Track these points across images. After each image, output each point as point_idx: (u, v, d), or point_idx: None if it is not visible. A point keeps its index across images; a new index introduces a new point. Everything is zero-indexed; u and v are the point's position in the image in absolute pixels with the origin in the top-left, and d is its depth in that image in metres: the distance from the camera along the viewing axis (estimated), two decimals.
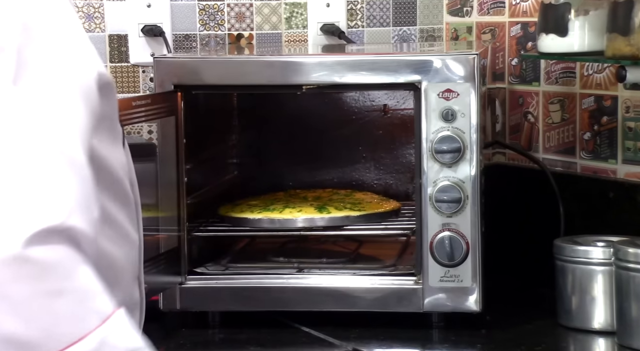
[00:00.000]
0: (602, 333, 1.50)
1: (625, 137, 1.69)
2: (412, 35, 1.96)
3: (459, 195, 1.50)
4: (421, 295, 1.52)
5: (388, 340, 1.50)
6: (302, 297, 1.55)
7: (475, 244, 1.51)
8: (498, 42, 1.89)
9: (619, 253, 1.44)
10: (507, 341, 1.49)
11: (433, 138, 1.51)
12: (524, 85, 1.85)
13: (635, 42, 1.46)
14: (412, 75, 1.51)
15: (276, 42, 1.90)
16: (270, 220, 1.62)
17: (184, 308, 1.58)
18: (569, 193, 1.72)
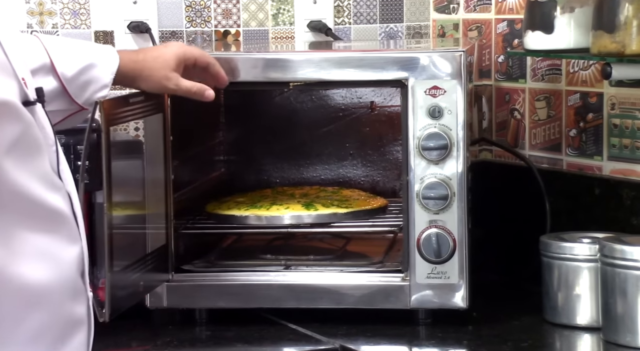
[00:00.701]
0: (587, 329, 1.50)
1: (610, 133, 1.70)
2: (398, 32, 1.97)
3: (446, 192, 1.51)
4: (408, 291, 1.52)
5: (375, 336, 1.50)
6: (289, 294, 1.55)
7: (462, 241, 1.51)
8: (484, 39, 1.89)
9: (605, 249, 1.45)
10: (494, 337, 1.49)
11: (420, 135, 1.51)
12: (511, 82, 1.86)
13: (621, 39, 1.46)
14: (399, 72, 1.51)
15: (263, 38, 1.90)
16: (257, 217, 1.62)
17: (171, 306, 1.57)
18: (555, 190, 1.73)
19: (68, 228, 1.07)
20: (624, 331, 1.42)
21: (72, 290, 1.07)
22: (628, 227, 1.62)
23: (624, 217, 1.64)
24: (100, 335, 1.51)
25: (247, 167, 1.88)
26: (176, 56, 1.44)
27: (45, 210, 1.04)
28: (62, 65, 1.37)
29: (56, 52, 1.38)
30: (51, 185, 1.05)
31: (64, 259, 1.06)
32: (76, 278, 1.08)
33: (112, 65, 1.40)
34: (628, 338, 1.42)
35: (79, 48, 1.41)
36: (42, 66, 1.36)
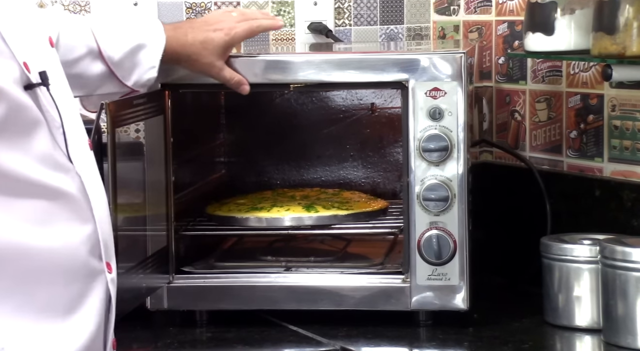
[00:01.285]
0: (588, 331, 1.50)
1: (611, 135, 1.70)
2: (399, 33, 1.97)
3: (446, 194, 1.51)
4: (409, 293, 1.52)
5: (376, 338, 1.50)
6: (289, 296, 1.55)
7: (462, 242, 1.51)
8: (485, 40, 1.89)
9: (605, 251, 1.45)
10: (494, 339, 1.49)
11: (420, 137, 1.51)
12: (511, 83, 1.86)
13: (621, 40, 1.47)
14: (400, 73, 1.51)
15: (263, 40, 1.90)
16: (258, 219, 1.62)
17: (172, 307, 1.57)
18: (556, 192, 1.73)
19: (75, 209, 1.08)
20: (625, 333, 1.42)
21: (84, 270, 1.08)
22: (629, 228, 1.62)
23: (624, 218, 1.64)
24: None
25: (247, 168, 1.88)
26: (224, 44, 1.46)
27: (43, 189, 1.05)
28: (110, 49, 1.41)
29: (103, 36, 1.41)
30: (53, 166, 1.07)
31: (71, 238, 1.07)
32: (88, 259, 1.09)
33: (159, 47, 1.43)
34: (629, 340, 1.42)
35: (126, 30, 1.43)
36: (90, 51, 1.40)
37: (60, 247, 1.06)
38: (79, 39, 1.40)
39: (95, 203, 1.10)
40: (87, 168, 1.12)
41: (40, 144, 1.06)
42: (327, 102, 1.86)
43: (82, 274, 1.08)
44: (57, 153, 1.08)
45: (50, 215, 1.06)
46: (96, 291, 1.10)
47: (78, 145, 1.11)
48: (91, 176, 1.12)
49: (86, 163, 1.12)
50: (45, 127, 1.07)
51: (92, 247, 1.09)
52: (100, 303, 1.11)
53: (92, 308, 1.09)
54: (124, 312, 1.38)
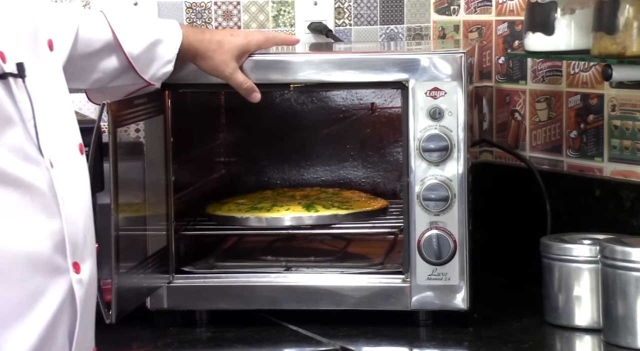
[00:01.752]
0: (588, 331, 1.50)
1: (611, 135, 1.70)
2: (399, 33, 1.97)
3: (447, 194, 1.51)
4: (409, 293, 1.52)
5: (376, 338, 1.50)
6: (289, 295, 1.55)
7: (462, 242, 1.51)
8: (485, 40, 1.89)
9: (605, 250, 1.45)
10: (494, 339, 1.49)
11: (420, 137, 1.51)
12: (511, 83, 1.86)
13: (621, 40, 1.47)
14: (400, 73, 1.51)
15: None
16: (258, 219, 1.62)
17: (172, 307, 1.57)
18: (556, 191, 1.73)
19: (42, 203, 1.07)
20: (625, 332, 1.42)
21: (46, 267, 1.07)
22: (628, 228, 1.62)
23: (624, 218, 1.64)
24: (101, 336, 1.51)
25: (247, 168, 1.88)
26: (240, 47, 1.48)
27: (8, 179, 1.05)
28: (129, 42, 1.42)
29: (122, 30, 1.42)
30: (23, 158, 1.07)
31: (33, 231, 1.06)
32: (52, 255, 1.07)
33: (176, 42, 1.45)
34: (629, 340, 1.42)
35: (144, 25, 1.45)
36: (108, 44, 1.41)
37: (20, 238, 1.05)
38: (97, 32, 1.41)
39: (65, 200, 1.09)
40: (65, 164, 1.11)
41: (11, 135, 1.06)
42: (327, 101, 1.86)
43: (42, 270, 1.07)
44: (28, 146, 1.07)
45: (14, 206, 1.05)
46: (57, 290, 1.08)
47: (54, 141, 1.11)
48: (68, 173, 1.11)
49: (64, 160, 1.11)
50: (18, 118, 1.07)
51: (57, 244, 1.08)
52: (61, 303, 1.08)
53: (50, 306, 1.07)
54: (125, 312, 1.38)
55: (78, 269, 1.09)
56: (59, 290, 1.08)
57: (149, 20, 1.50)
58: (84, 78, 1.43)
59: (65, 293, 1.09)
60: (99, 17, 1.43)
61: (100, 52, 1.41)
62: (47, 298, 1.07)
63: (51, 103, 1.13)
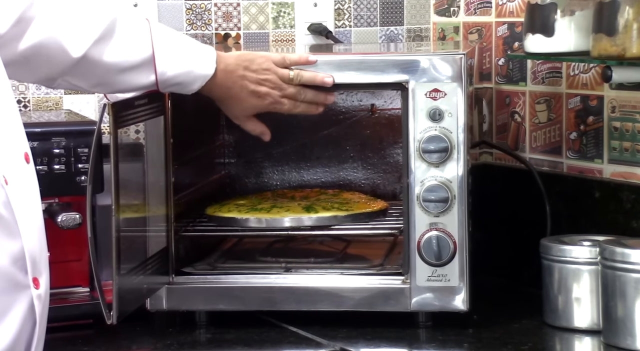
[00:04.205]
0: (588, 332, 1.50)
1: (611, 136, 1.70)
2: (399, 35, 1.97)
3: (446, 195, 1.51)
4: (408, 294, 1.52)
5: (375, 339, 1.50)
6: (289, 297, 1.55)
7: (462, 244, 1.51)
8: (485, 42, 1.89)
9: (605, 252, 1.45)
10: (494, 340, 1.49)
11: (420, 138, 1.51)
12: (511, 85, 1.86)
13: (621, 42, 1.47)
14: (400, 74, 1.52)
15: (263, 41, 1.90)
16: (257, 220, 1.62)
17: (171, 308, 1.57)
18: (556, 193, 1.73)
19: (0, 222, 1.05)
20: (625, 334, 1.42)
21: (7, 284, 1.06)
22: (628, 230, 1.62)
23: (624, 220, 1.64)
24: (101, 338, 1.51)
25: (247, 169, 1.88)
26: (260, 110, 1.50)
27: None
28: (163, 65, 1.42)
29: (162, 49, 1.42)
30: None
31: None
32: (13, 273, 1.06)
33: (204, 79, 1.45)
34: (628, 341, 1.42)
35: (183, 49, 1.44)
36: (145, 60, 1.41)
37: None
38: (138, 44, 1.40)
39: (23, 216, 1.08)
40: (17, 178, 1.09)
41: None
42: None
43: (3, 287, 1.06)
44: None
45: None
46: (20, 306, 1.08)
47: (5, 157, 1.08)
48: (22, 189, 1.09)
49: (16, 174, 1.09)
50: None
51: (16, 261, 1.07)
52: (23, 319, 1.08)
53: (13, 323, 1.07)
54: (126, 313, 1.38)
55: (37, 284, 1.09)
56: (21, 307, 1.08)
57: (191, 44, 1.46)
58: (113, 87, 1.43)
59: (26, 310, 1.09)
60: (143, 27, 1.41)
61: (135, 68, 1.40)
62: (10, 316, 1.07)
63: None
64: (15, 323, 1.07)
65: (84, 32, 1.35)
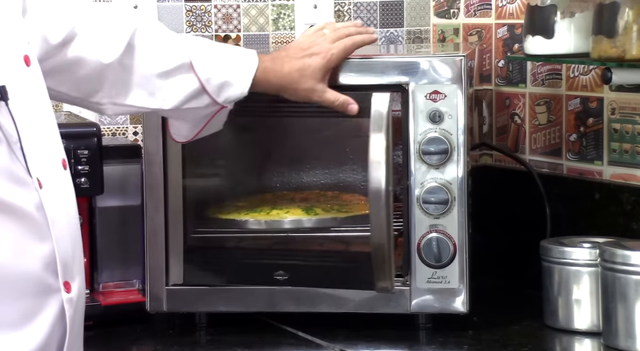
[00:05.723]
0: (588, 334, 1.50)
1: (610, 138, 1.70)
2: (399, 36, 1.97)
3: (446, 197, 1.51)
4: (408, 296, 1.52)
5: (375, 341, 1.50)
6: (289, 298, 1.55)
7: (462, 245, 1.51)
8: (485, 43, 1.89)
9: (605, 254, 1.45)
10: (494, 342, 1.49)
11: (420, 140, 1.51)
12: (511, 86, 1.86)
13: (621, 43, 1.47)
14: (400, 76, 1.52)
15: (263, 43, 1.90)
16: (257, 222, 1.62)
17: (171, 310, 1.57)
18: (555, 195, 1.73)
19: (32, 225, 1.07)
20: (625, 336, 1.42)
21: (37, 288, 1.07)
22: (628, 231, 1.62)
23: (624, 221, 1.64)
24: (101, 339, 1.51)
25: (247, 171, 1.88)
26: (322, 68, 1.45)
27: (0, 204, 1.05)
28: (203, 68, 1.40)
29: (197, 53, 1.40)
30: (10, 180, 1.06)
31: (23, 253, 1.06)
32: (43, 276, 1.08)
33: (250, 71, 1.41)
34: (628, 343, 1.42)
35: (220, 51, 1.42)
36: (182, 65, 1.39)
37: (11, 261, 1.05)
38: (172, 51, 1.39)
39: (55, 220, 1.09)
40: (52, 183, 1.10)
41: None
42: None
43: (33, 290, 1.07)
44: (15, 167, 1.07)
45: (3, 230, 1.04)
46: (50, 310, 1.08)
47: (42, 161, 1.10)
48: (56, 191, 1.10)
49: (51, 178, 1.10)
50: (4, 141, 1.07)
51: (48, 264, 1.08)
52: (53, 322, 1.08)
53: (43, 326, 1.07)
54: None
55: (69, 288, 1.10)
56: (51, 310, 1.08)
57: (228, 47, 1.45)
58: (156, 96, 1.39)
59: (57, 313, 1.09)
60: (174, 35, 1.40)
61: (173, 72, 1.38)
62: (39, 319, 1.08)
63: (35, 122, 1.12)
64: (45, 326, 1.08)
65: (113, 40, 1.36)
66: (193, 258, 1.65)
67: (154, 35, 1.40)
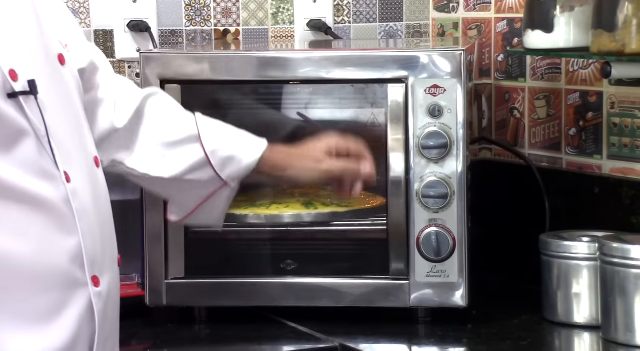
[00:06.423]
0: (587, 328, 1.51)
1: (610, 132, 1.70)
2: (398, 31, 1.97)
3: (446, 191, 1.51)
4: (408, 290, 1.52)
5: (375, 335, 1.50)
6: (288, 293, 1.55)
7: (461, 240, 1.51)
8: (484, 38, 1.89)
9: (604, 248, 1.45)
10: (493, 336, 1.50)
11: (420, 134, 1.51)
12: (510, 81, 1.86)
13: (620, 38, 1.47)
14: (399, 71, 1.51)
15: (263, 37, 1.90)
16: (257, 216, 1.62)
17: (171, 304, 1.57)
18: (555, 189, 1.73)
19: (58, 218, 1.08)
20: (624, 329, 1.42)
21: (64, 280, 1.08)
22: (628, 225, 1.62)
23: (623, 215, 1.64)
24: None
25: None
26: (327, 145, 1.43)
27: (23, 196, 1.06)
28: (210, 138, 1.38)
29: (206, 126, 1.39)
30: (37, 174, 1.07)
31: (51, 247, 1.07)
32: (70, 269, 1.08)
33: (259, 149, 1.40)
34: (627, 337, 1.42)
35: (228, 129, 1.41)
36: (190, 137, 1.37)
37: (37, 253, 1.06)
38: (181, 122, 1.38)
39: (82, 215, 1.09)
40: (81, 178, 1.11)
41: (25, 151, 1.07)
42: (327, 98, 1.86)
43: (60, 283, 1.07)
44: (43, 161, 1.08)
45: (29, 222, 1.05)
46: (77, 303, 1.09)
47: (71, 157, 1.11)
48: (84, 186, 1.11)
49: (80, 173, 1.11)
50: (33, 135, 1.07)
51: (75, 258, 1.08)
52: (81, 316, 1.09)
53: (71, 320, 1.08)
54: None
55: (97, 283, 1.10)
56: (79, 304, 1.09)
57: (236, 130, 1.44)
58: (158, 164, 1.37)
59: (84, 307, 1.09)
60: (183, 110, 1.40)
61: (180, 143, 1.37)
62: (67, 312, 1.08)
63: (65, 117, 1.13)
64: (73, 320, 1.08)
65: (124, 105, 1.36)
66: (193, 253, 1.66)
67: (164, 104, 1.40)
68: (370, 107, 1.85)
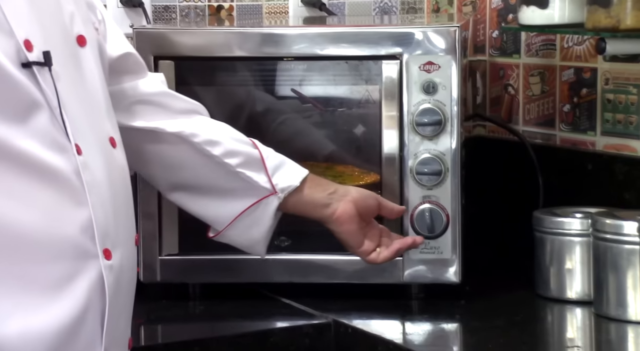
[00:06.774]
0: (579, 303, 1.51)
1: (604, 109, 1.70)
2: (393, 7, 1.96)
3: (440, 168, 1.51)
4: (401, 266, 1.53)
5: (368, 311, 1.51)
6: (282, 269, 1.56)
7: (455, 216, 1.52)
8: (479, 14, 1.89)
9: (597, 224, 1.45)
10: (486, 311, 1.50)
11: (414, 111, 1.51)
12: (505, 57, 1.86)
13: (615, 14, 1.46)
14: (394, 47, 1.51)
15: (257, 13, 1.89)
16: None
17: (165, 280, 1.58)
18: (548, 165, 1.74)
19: (68, 189, 1.08)
20: (615, 304, 1.43)
21: (74, 251, 1.08)
22: (621, 201, 1.63)
23: (616, 191, 1.64)
24: None
25: None
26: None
27: (36, 166, 1.06)
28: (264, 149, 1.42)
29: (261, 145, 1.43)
30: (50, 145, 1.08)
31: (61, 218, 1.07)
32: (80, 240, 1.08)
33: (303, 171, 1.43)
34: (619, 312, 1.43)
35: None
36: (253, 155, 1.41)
37: (43, 223, 1.06)
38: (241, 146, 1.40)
39: (93, 187, 1.10)
40: (93, 153, 1.11)
41: (37, 121, 1.07)
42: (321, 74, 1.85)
43: (70, 253, 1.08)
44: (56, 131, 1.08)
45: (39, 192, 1.06)
46: (87, 275, 1.09)
47: (84, 130, 1.11)
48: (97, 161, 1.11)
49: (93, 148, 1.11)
50: (46, 106, 1.08)
51: (85, 230, 1.09)
52: (91, 287, 1.09)
53: (80, 291, 1.08)
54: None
55: (109, 256, 1.10)
56: (89, 275, 1.09)
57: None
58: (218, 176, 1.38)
59: (95, 279, 1.09)
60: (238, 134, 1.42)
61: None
62: (76, 282, 1.08)
63: (79, 94, 1.13)
64: (82, 291, 1.08)
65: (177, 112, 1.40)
66: (187, 229, 1.66)
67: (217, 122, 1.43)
68: (364, 83, 1.84)
